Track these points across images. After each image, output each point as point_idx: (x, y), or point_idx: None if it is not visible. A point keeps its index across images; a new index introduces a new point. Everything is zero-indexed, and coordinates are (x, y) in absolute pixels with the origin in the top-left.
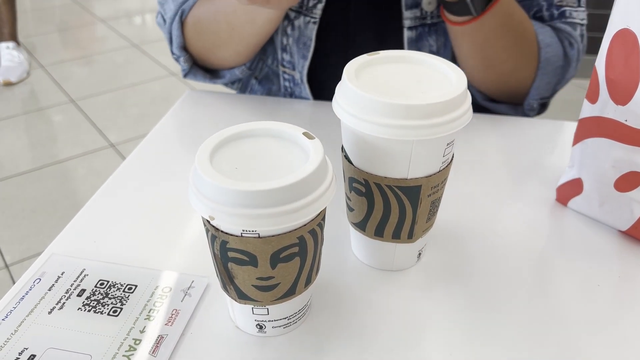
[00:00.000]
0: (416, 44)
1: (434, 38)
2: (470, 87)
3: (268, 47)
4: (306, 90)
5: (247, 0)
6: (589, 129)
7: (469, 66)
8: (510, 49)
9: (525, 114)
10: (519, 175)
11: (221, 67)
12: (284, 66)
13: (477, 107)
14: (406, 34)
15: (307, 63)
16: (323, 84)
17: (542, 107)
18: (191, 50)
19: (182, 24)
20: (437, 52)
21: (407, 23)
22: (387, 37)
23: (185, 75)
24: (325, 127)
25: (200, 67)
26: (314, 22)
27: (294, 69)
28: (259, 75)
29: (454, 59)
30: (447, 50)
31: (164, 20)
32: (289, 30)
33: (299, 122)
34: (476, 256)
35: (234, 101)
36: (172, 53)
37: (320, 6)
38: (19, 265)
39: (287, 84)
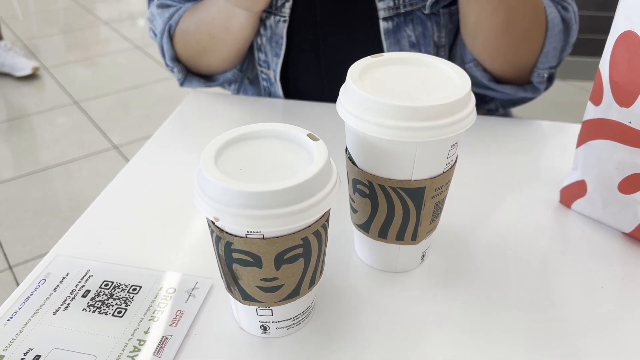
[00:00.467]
0: (394, 35)
1: (411, 28)
2: (475, 69)
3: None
4: (278, 89)
5: None
6: (592, 131)
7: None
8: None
9: (534, 90)
10: (523, 177)
11: (211, 73)
12: (260, 66)
13: (481, 95)
14: (382, 25)
15: (280, 61)
16: (297, 82)
17: (549, 80)
18: (182, 60)
19: (171, 37)
20: (416, 43)
21: (381, 14)
22: (360, 31)
23: (181, 84)
24: (330, 129)
25: (195, 74)
26: (284, 21)
27: (269, 68)
28: (250, 76)
29: (450, 51)
30: (427, 40)
31: (155, 35)
32: (261, 30)
33: (304, 124)
34: (480, 258)
35: (237, 103)
36: (167, 65)
37: (288, 5)
38: (23, 266)
39: (264, 83)
